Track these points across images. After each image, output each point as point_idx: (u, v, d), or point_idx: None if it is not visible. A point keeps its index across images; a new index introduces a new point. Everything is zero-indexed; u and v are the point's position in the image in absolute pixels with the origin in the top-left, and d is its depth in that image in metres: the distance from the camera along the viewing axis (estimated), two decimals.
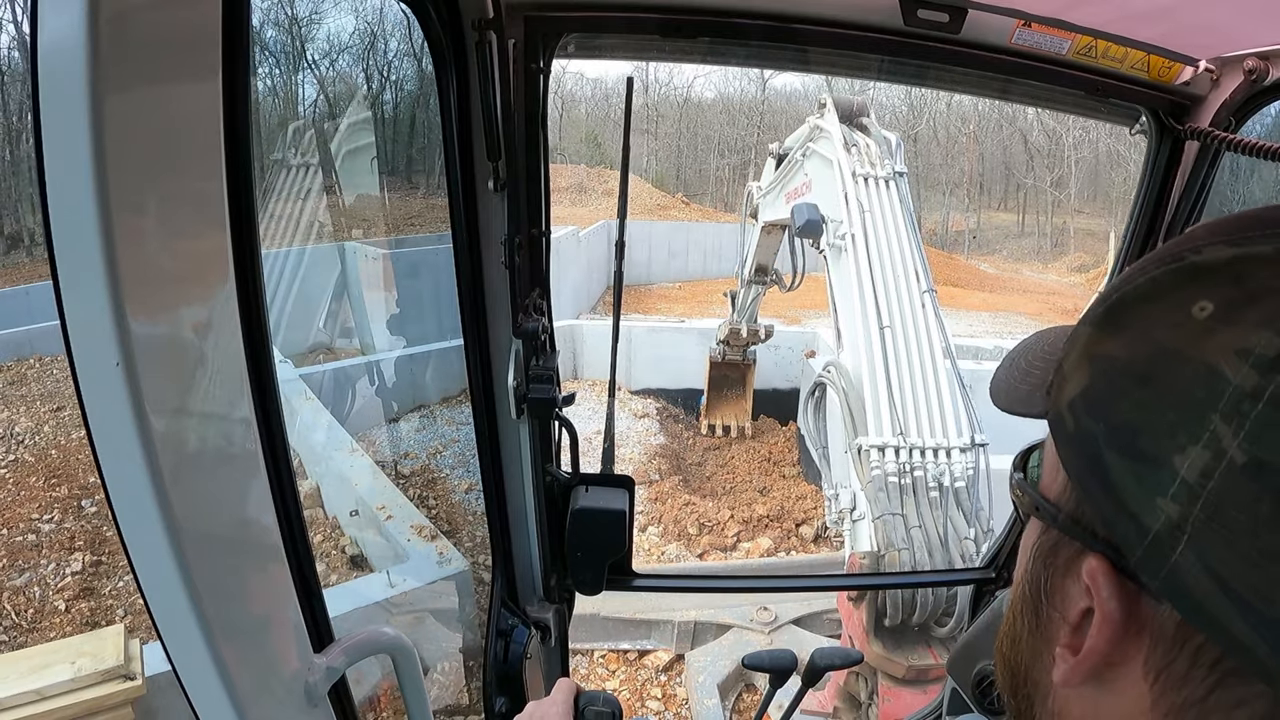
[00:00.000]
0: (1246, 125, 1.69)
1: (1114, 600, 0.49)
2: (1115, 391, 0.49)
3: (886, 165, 6.84)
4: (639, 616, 7.14)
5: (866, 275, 6.04)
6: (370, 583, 5.76)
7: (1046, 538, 0.57)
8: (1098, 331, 0.52)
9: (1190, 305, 0.46)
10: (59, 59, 0.61)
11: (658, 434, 12.57)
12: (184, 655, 0.82)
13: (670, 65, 38.68)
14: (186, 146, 0.73)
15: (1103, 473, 0.48)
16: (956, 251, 36.58)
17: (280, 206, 8.26)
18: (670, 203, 32.87)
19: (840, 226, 6.39)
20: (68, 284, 0.66)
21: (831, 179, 6.83)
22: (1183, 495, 0.43)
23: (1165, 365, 0.46)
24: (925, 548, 4.79)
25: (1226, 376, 0.42)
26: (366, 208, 11.55)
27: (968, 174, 40.62)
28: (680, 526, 9.68)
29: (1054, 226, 38.62)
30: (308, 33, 20.73)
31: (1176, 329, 0.46)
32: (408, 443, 9.96)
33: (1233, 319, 0.44)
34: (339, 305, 11.15)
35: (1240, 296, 0.44)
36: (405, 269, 10.86)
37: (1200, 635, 0.45)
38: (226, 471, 0.86)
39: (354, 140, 10.43)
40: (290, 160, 8.74)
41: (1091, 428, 0.50)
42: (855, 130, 7.29)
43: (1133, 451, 0.46)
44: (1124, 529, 0.47)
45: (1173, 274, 0.48)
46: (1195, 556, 0.43)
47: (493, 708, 1.90)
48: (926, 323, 5.89)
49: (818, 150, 7.37)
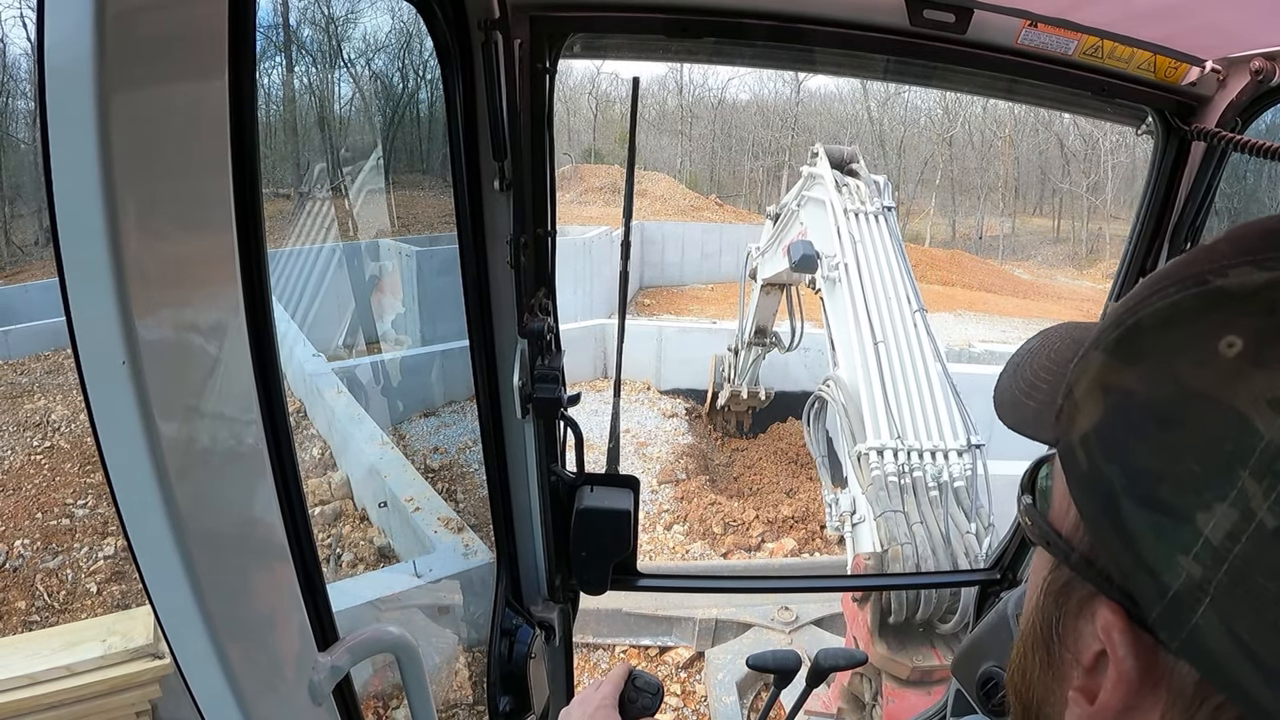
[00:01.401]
0: (1253, 126, 1.68)
1: (1130, 658, 0.46)
2: (1133, 432, 0.45)
3: (876, 202, 7.28)
4: (660, 613, 7.19)
5: (860, 298, 6.36)
6: (396, 573, 5.81)
7: (1058, 574, 0.54)
8: (1113, 360, 0.48)
9: (1217, 340, 0.41)
10: (65, 58, 0.61)
11: (686, 434, 12.69)
12: (189, 653, 0.82)
13: (705, 66, 38.84)
14: (192, 145, 0.73)
15: (1119, 520, 0.45)
16: (991, 257, 36.48)
17: (310, 206, 8.38)
18: (704, 204, 32.90)
19: (834, 259, 6.76)
20: (74, 283, 0.66)
21: (825, 219, 7.25)
22: (1206, 556, 0.40)
23: (1189, 409, 0.42)
24: (928, 543, 4.83)
25: (1258, 430, 0.39)
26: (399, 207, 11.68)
27: (1003, 178, 40.49)
28: (705, 526, 9.76)
29: (1089, 232, 38.45)
30: (313, 33, 20.81)
31: (1202, 368, 0.42)
32: (437, 437, 10.04)
33: (1265, 361, 0.40)
34: (372, 302, 11.28)
35: (1272, 331, 0.40)
36: (435, 266, 11.01)
37: (1220, 695, 0.43)
38: (232, 470, 0.86)
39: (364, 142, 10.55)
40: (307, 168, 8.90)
41: (1106, 470, 0.46)
42: (846, 175, 7.72)
43: (1152, 502, 0.43)
44: (1142, 583, 0.44)
45: (1195, 299, 0.44)
46: (1218, 619, 0.40)
47: (497, 707, 1.91)
48: (919, 338, 6.14)
49: (812, 196, 7.83)
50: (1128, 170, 38.04)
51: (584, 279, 17.96)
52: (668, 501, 10.50)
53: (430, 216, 14.61)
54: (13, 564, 6.98)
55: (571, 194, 31.34)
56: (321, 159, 11.79)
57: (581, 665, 6.85)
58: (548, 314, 1.71)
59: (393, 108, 21.10)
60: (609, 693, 1.34)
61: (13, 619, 6.39)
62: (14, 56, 18.86)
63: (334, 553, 7.00)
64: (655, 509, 10.26)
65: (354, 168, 12.40)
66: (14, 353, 11.83)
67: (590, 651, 7.07)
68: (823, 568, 8.82)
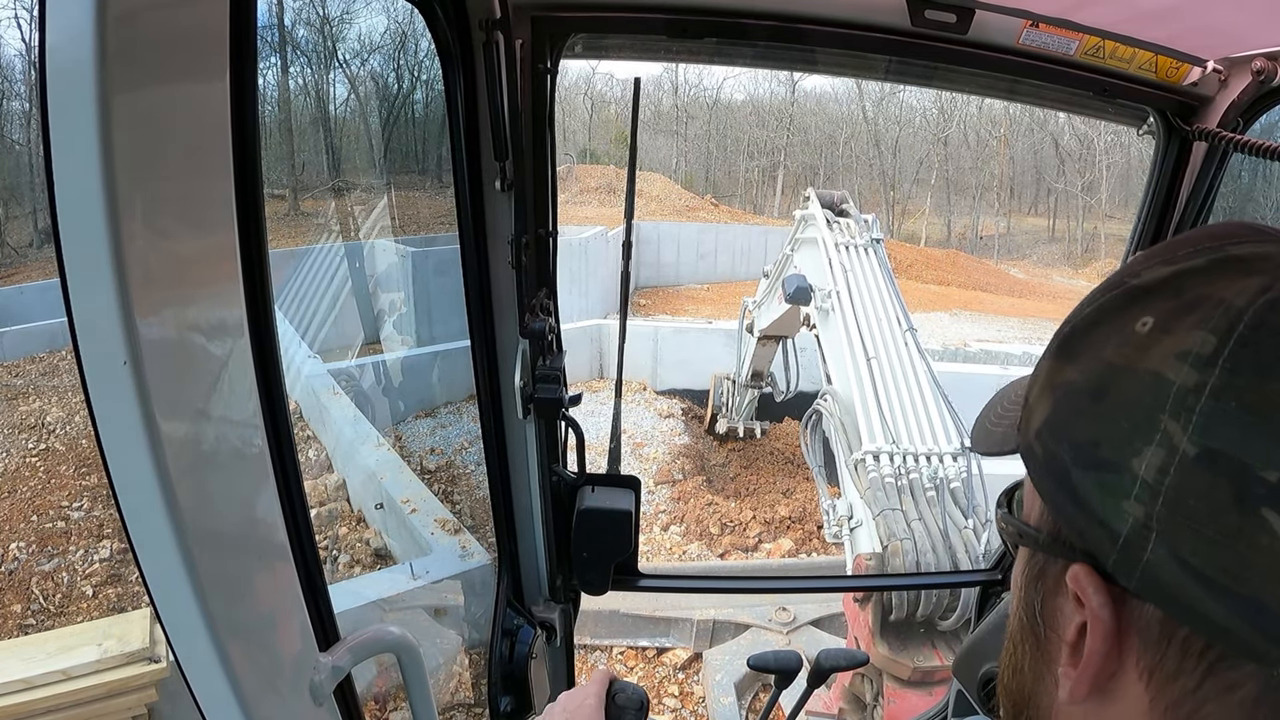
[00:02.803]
0: (1254, 126, 1.68)
1: (1103, 603, 0.50)
2: (1075, 412, 0.52)
3: (865, 235, 7.74)
4: (658, 614, 7.21)
5: (853, 321, 6.63)
6: (394, 574, 5.80)
7: (1033, 562, 0.59)
8: (1056, 362, 0.56)
9: (1134, 323, 0.50)
10: (66, 59, 0.61)
11: (682, 434, 12.71)
12: (190, 653, 0.82)
13: (700, 66, 38.86)
14: (194, 146, 0.73)
15: (1071, 488, 0.51)
16: (986, 256, 36.55)
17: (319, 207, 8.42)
18: (699, 204, 32.95)
19: (827, 291, 7.05)
20: (75, 283, 0.66)
21: (818, 254, 7.62)
22: (1145, 495, 0.46)
23: (1116, 380, 0.50)
24: (927, 538, 4.87)
25: (1170, 380, 0.46)
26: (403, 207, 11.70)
27: (998, 178, 40.57)
28: (702, 526, 9.77)
29: (1085, 232, 38.57)
30: (314, 33, 20.81)
31: (1123, 346, 0.50)
32: (434, 438, 10.04)
33: (1171, 328, 0.48)
34: (370, 302, 11.28)
35: (1177, 307, 0.48)
36: (434, 267, 11.01)
37: (1184, 628, 0.46)
38: (233, 470, 0.86)
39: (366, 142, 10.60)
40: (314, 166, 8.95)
41: (1057, 450, 0.53)
42: (838, 216, 8.18)
43: (1095, 463, 0.49)
44: (1097, 536, 0.49)
45: (1116, 299, 0.53)
46: (1165, 550, 0.45)
47: (498, 707, 1.91)
48: (910, 354, 6.38)
49: (804, 238, 8.27)
50: (1123, 170, 38.16)
51: (580, 279, 17.96)
52: (664, 502, 10.51)
53: (426, 217, 14.61)
54: (8, 567, 6.96)
55: (567, 194, 31.35)
56: (322, 159, 11.80)
57: (579, 667, 6.85)
58: (549, 314, 1.71)
59: (389, 108, 21.10)
60: (594, 705, 1.22)
61: (8, 622, 6.37)
62: (8, 58, 18.84)
63: (330, 555, 6.99)
64: (652, 509, 10.27)
65: (355, 168, 12.42)
66: (9, 355, 11.79)
67: (588, 653, 7.07)
68: (821, 568, 8.84)
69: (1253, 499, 0.43)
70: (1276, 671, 0.44)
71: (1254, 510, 0.42)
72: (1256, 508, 0.42)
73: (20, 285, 15.36)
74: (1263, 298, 0.45)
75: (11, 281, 16.09)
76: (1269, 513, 0.42)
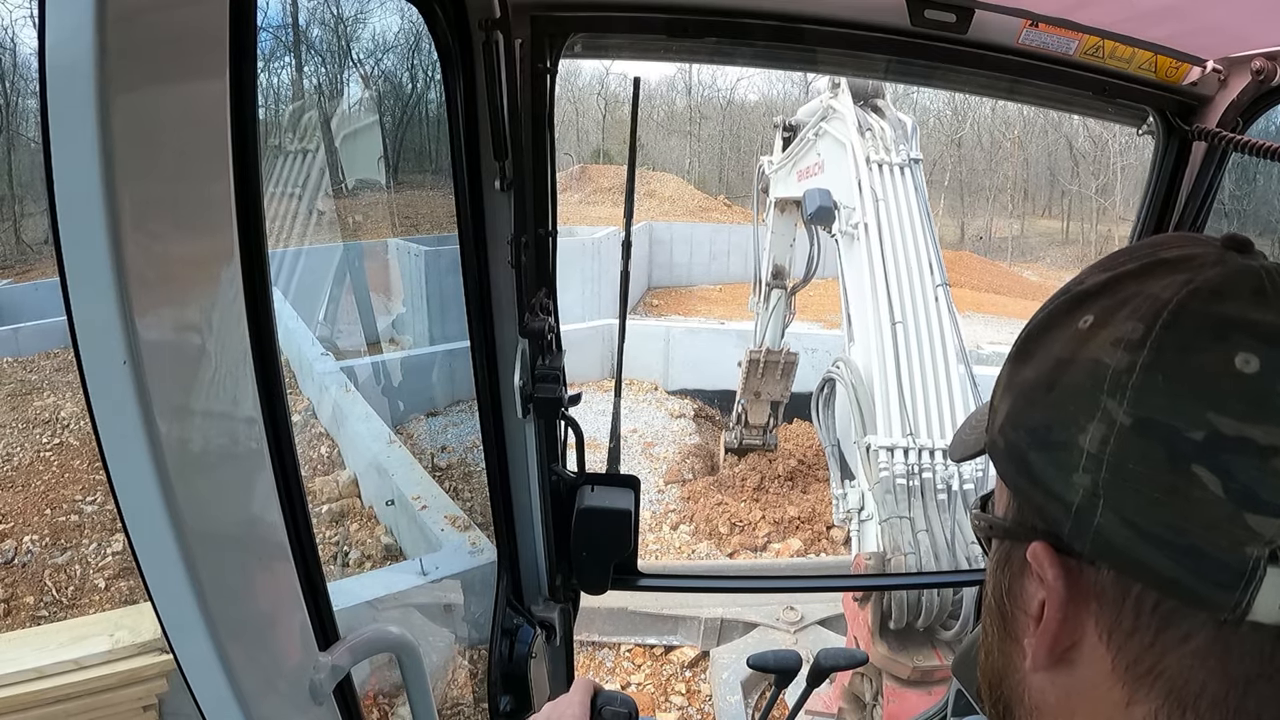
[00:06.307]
0: (1254, 126, 1.68)
1: (1057, 575, 0.55)
2: (1030, 403, 0.57)
3: (902, 151, 6.64)
4: (666, 612, 7.15)
5: (879, 267, 5.98)
6: (403, 570, 5.81)
7: (1001, 548, 0.63)
8: (1015, 365, 0.61)
9: (1077, 322, 0.56)
10: (66, 58, 0.62)
11: (693, 434, 12.62)
12: (189, 653, 0.83)
13: (714, 67, 38.68)
14: (193, 146, 0.74)
15: (1029, 470, 0.56)
16: (999, 258, 36.23)
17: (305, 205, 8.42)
18: (712, 205, 32.59)
19: (853, 214, 6.33)
20: (75, 283, 0.67)
21: (844, 163, 6.72)
22: (1091, 465, 0.51)
23: (1062, 371, 0.55)
24: (931, 551, 4.79)
25: (1107, 364, 0.51)
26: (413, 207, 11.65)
27: (1012, 179, 40.21)
28: (711, 526, 9.72)
29: (1099, 234, 38.08)
30: (314, 33, 20.85)
31: (1069, 342, 0.56)
32: (445, 436, 10.05)
33: (1107, 321, 0.53)
34: (380, 301, 11.27)
35: (1113, 304, 0.54)
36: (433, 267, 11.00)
37: (1136, 584, 0.51)
38: (233, 470, 0.86)
39: (367, 140, 10.61)
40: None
41: (1016, 439, 0.58)
42: (869, 112, 7.02)
43: (1048, 444, 0.55)
44: (1054, 511, 0.54)
45: (1062, 304, 0.59)
46: (1113, 513, 0.50)
47: (497, 707, 1.91)
48: (940, 318, 5.84)
49: (831, 132, 7.12)
50: (1137, 172, 37.71)
51: (592, 279, 17.89)
52: (674, 501, 10.49)
53: (421, 217, 14.62)
54: (22, 559, 7.02)
55: (580, 194, 31.25)
56: (321, 159, 11.85)
57: (587, 664, 6.86)
58: (548, 314, 1.71)
59: (386, 108, 21.11)
60: (578, 716, 1.17)
61: (21, 614, 6.43)
62: (24, 56, 18.97)
63: (341, 550, 7.02)
64: (662, 509, 10.24)
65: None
66: (24, 350, 11.89)
67: (595, 650, 7.08)
68: (826, 568, 8.80)
69: (1183, 457, 0.48)
70: (1223, 618, 0.47)
71: (1185, 468, 0.48)
72: (1187, 465, 0.48)
73: (35, 281, 15.49)
74: (1185, 288, 0.51)
75: (27, 278, 16.23)
76: (1199, 469, 0.47)
